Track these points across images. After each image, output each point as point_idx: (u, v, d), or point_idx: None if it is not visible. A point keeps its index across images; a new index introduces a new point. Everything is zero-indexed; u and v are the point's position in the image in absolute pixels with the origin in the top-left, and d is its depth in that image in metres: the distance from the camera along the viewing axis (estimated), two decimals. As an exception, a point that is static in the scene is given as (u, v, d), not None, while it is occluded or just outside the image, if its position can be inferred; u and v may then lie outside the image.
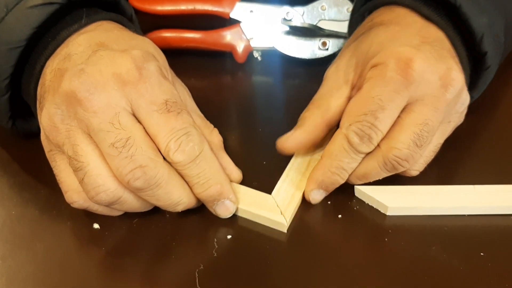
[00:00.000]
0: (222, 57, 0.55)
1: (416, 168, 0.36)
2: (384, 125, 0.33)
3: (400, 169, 0.35)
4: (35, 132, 0.40)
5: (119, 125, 0.31)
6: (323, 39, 0.52)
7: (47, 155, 0.34)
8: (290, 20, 0.52)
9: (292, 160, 0.40)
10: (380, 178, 0.36)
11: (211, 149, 0.34)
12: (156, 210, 0.36)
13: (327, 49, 0.53)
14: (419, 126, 0.33)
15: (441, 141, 0.37)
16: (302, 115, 0.39)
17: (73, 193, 0.33)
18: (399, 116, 0.34)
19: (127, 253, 0.34)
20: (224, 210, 0.35)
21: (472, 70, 0.40)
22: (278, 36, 0.53)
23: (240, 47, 0.53)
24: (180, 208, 0.34)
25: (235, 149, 0.43)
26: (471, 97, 0.40)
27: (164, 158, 0.32)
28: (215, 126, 0.40)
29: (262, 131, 0.46)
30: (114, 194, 0.31)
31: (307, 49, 0.53)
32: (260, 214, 0.36)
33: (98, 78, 0.31)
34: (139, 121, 0.32)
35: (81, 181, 0.31)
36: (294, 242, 0.35)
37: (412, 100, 0.34)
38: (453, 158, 0.42)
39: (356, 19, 0.45)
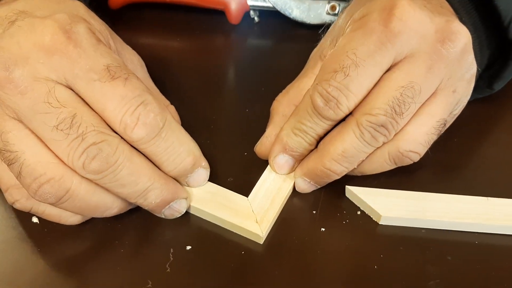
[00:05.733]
0: (214, 15, 0.48)
1: (414, 149, 0.30)
2: (357, 86, 0.28)
3: (380, 139, 0.29)
4: None
5: (57, 103, 0.25)
6: (332, 2, 0.45)
7: None
8: (296, -24, 0.44)
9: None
10: (364, 158, 0.30)
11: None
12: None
13: (336, 14, 0.45)
14: (401, 89, 0.28)
15: (445, 116, 0.30)
16: (271, 106, 0.34)
17: (14, 190, 0.28)
18: (381, 77, 0.29)
19: (63, 258, 0.28)
20: (199, 180, 0.31)
21: (499, 58, 0.35)
22: (280, -6, 0.45)
23: (234, 6, 0.46)
24: (152, 197, 0.28)
25: (211, 133, 0.37)
26: (491, 89, 0.36)
27: None
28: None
29: (249, 112, 0.39)
30: (61, 184, 0.25)
31: (313, 12, 0.46)
32: (232, 222, 0.30)
33: (16, 52, 0.26)
34: (78, 96, 0.27)
35: (18, 176, 0.26)
36: (269, 258, 0.29)
37: (400, 58, 0.29)
38: (465, 163, 0.36)
39: None
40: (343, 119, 0.30)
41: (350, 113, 0.29)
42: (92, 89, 0.26)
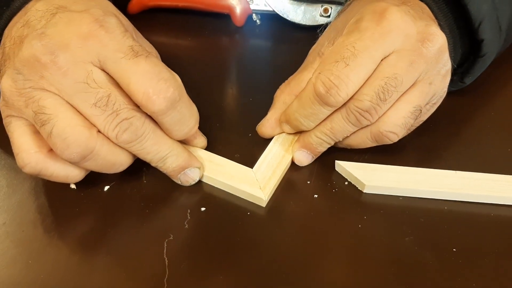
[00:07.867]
0: (221, 18, 0.53)
1: (393, 130, 0.34)
2: (356, 75, 0.32)
3: (364, 122, 0.34)
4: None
5: (95, 83, 0.30)
6: (325, 6, 0.50)
7: (4, 121, 0.32)
8: (293, -17, 0.49)
9: (277, 135, 0.39)
10: (348, 135, 0.35)
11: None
12: (132, 173, 0.35)
13: (329, 16, 0.50)
14: (385, 79, 0.32)
15: (421, 103, 0.34)
16: (275, 93, 0.39)
17: (24, 154, 0.31)
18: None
19: (98, 217, 0.34)
20: (201, 143, 0.38)
21: (471, 55, 0.40)
22: (279, 0, 0.51)
23: (238, 10, 0.51)
24: (169, 162, 0.34)
25: (220, 117, 0.42)
26: (463, 83, 0.41)
27: None
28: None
29: (252, 100, 0.44)
30: (87, 145, 0.30)
31: (308, 15, 0.51)
32: (239, 188, 0.35)
33: (59, 39, 0.30)
34: (109, 75, 0.31)
35: (48, 136, 0.29)
36: (270, 218, 0.35)
37: (388, 53, 0.33)
38: (439, 142, 0.41)
39: None
40: None
41: None
42: (119, 65, 0.30)
